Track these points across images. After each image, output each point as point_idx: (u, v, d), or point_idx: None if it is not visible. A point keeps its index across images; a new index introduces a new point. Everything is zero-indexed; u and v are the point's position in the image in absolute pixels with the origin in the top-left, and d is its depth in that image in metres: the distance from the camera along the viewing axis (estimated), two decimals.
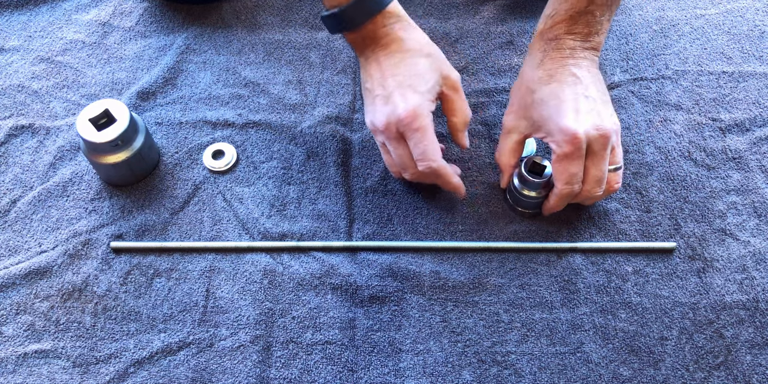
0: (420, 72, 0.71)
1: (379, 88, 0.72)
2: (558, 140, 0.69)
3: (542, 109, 0.71)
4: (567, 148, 0.68)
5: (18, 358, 0.71)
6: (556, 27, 0.72)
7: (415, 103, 0.69)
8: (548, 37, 0.73)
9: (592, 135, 0.68)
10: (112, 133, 0.74)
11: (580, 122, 0.68)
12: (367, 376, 0.70)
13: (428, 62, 0.72)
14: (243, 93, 0.89)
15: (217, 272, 0.76)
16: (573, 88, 0.70)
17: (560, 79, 0.71)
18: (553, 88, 0.71)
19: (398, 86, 0.70)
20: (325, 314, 0.73)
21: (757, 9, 0.96)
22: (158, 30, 0.95)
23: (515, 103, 0.75)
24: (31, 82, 0.90)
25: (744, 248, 0.77)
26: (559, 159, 0.69)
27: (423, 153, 0.69)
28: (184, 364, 0.70)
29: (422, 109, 0.69)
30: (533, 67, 0.73)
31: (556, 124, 0.69)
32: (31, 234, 0.78)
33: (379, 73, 0.72)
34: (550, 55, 0.72)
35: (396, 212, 0.80)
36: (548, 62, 0.72)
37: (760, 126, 0.85)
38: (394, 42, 0.72)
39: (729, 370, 0.70)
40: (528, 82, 0.73)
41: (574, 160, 0.68)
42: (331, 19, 0.72)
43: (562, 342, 0.72)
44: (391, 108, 0.70)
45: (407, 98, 0.69)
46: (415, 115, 0.68)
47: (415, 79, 0.70)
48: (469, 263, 0.76)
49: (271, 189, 0.81)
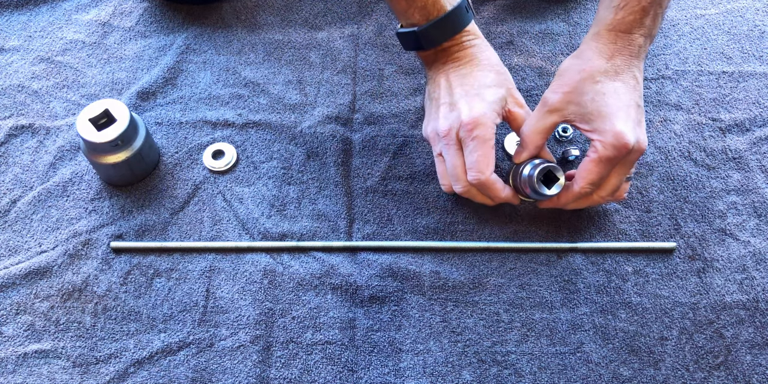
0: (489, 84, 0.71)
1: (446, 97, 0.72)
2: (606, 142, 0.67)
3: (601, 104, 0.68)
4: (612, 153, 0.67)
5: (18, 358, 0.71)
6: (628, 19, 0.68)
7: (480, 111, 0.69)
8: (620, 29, 0.69)
9: (635, 147, 0.67)
10: (112, 133, 0.74)
11: (632, 131, 0.67)
12: (367, 376, 0.70)
13: (497, 77, 0.72)
14: (243, 93, 0.89)
15: (217, 272, 0.76)
16: (632, 93, 0.69)
17: (625, 79, 0.69)
18: (618, 86, 0.69)
19: (465, 95, 0.70)
20: (325, 314, 0.73)
21: (757, 9, 0.96)
22: (158, 30, 0.95)
23: (570, 84, 0.70)
24: (31, 82, 0.90)
25: (744, 248, 0.77)
26: (598, 160, 0.68)
27: (477, 162, 0.68)
28: (184, 364, 0.70)
29: (486, 118, 0.68)
30: (601, 56, 0.70)
31: (611, 126, 0.67)
32: (31, 234, 0.78)
33: (447, 83, 0.72)
34: (620, 51, 0.70)
35: (396, 212, 0.80)
36: (618, 57, 0.70)
37: (760, 126, 0.85)
38: (467, 57, 0.73)
39: (729, 370, 0.70)
40: (593, 70, 0.69)
41: (610, 165, 0.68)
42: (407, 36, 0.72)
43: (562, 342, 0.72)
44: (456, 114, 0.70)
45: (473, 106, 0.69)
46: (477, 122, 0.68)
47: (483, 89, 0.70)
48: (469, 263, 0.76)
49: (271, 189, 0.81)
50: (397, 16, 0.75)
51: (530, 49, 0.92)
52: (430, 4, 0.70)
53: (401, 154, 0.84)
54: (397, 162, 0.83)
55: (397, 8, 0.73)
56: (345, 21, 0.96)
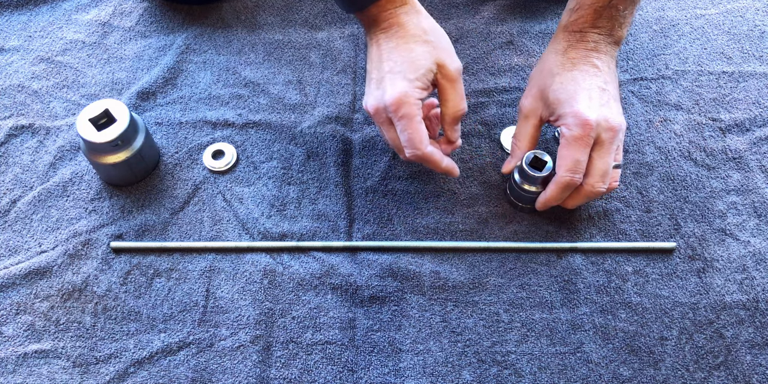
0: (413, 58, 0.70)
1: (375, 72, 0.72)
2: (569, 123, 0.69)
3: (559, 93, 0.71)
4: (577, 132, 0.68)
5: (18, 358, 0.71)
6: (580, 21, 0.73)
7: (401, 89, 0.69)
8: (572, 29, 0.74)
9: (602, 125, 0.69)
10: (112, 133, 0.74)
11: (593, 110, 0.69)
12: (367, 376, 0.70)
13: (425, 49, 0.71)
14: (243, 93, 0.89)
15: (217, 272, 0.76)
16: (592, 79, 0.72)
17: (582, 68, 0.72)
18: (574, 74, 0.72)
19: (390, 71, 0.70)
20: (325, 314, 0.73)
21: (757, 9, 0.96)
22: (158, 30, 0.95)
23: (534, 86, 0.75)
24: (31, 82, 0.90)
25: (744, 248, 0.77)
26: (567, 143, 0.69)
27: (408, 140, 0.70)
28: (184, 364, 0.70)
29: (408, 96, 0.69)
30: (556, 53, 0.74)
31: (570, 107, 0.70)
32: (31, 234, 0.78)
33: (377, 56, 0.73)
34: (574, 46, 0.73)
35: (396, 212, 0.80)
36: (572, 51, 0.73)
37: (760, 126, 0.85)
38: (395, 26, 0.72)
39: (729, 370, 0.70)
40: (550, 67, 0.74)
41: (582, 146, 0.69)
42: None
43: (562, 342, 0.72)
44: (380, 93, 0.70)
45: (395, 84, 0.69)
46: (400, 102, 0.68)
47: (407, 65, 0.70)
48: (469, 263, 0.76)
49: (271, 189, 0.81)
50: None
51: (530, 49, 0.92)
52: None
53: None
54: (397, 162, 0.83)
55: None
56: (345, 21, 0.96)
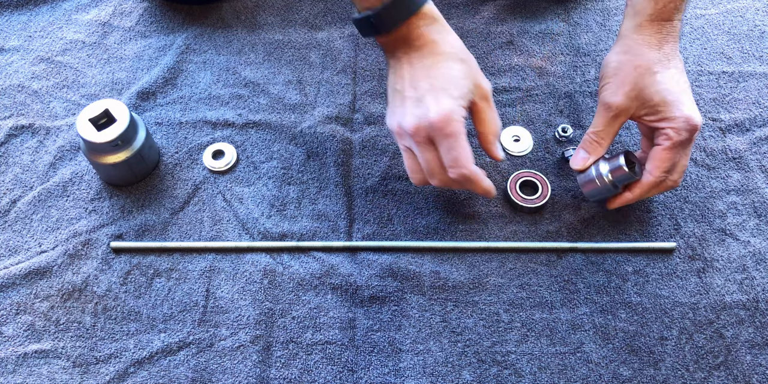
0: (454, 77, 0.68)
1: (411, 90, 0.69)
2: (679, 127, 0.69)
3: (665, 94, 0.70)
4: (685, 136, 0.68)
5: (18, 358, 0.71)
6: (669, 7, 0.70)
7: (448, 107, 0.66)
8: (663, 18, 0.71)
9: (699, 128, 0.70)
10: (112, 133, 0.74)
11: (697, 112, 0.69)
12: (367, 376, 0.70)
13: (462, 68, 0.69)
14: (243, 93, 0.89)
15: (217, 272, 0.76)
16: (682, 76, 0.72)
17: (677, 64, 0.72)
18: (674, 73, 0.71)
19: (431, 89, 0.68)
20: (325, 314, 0.73)
21: (757, 9, 0.96)
22: (158, 30, 0.95)
23: (628, 83, 0.71)
24: (31, 82, 0.90)
25: (744, 248, 0.77)
26: (672, 146, 0.69)
27: (455, 159, 0.67)
28: (184, 364, 0.70)
29: (455, 113, 0.67)
30: (651, 47, 0.71)
31: (680, 111, 0.69)
32: (31, 234, 0.78)
33: (411, 74, 0.70)
34: (666, 39, 0.71)
35: (396, 212, 0.80)
36: (665, 45, 0.71)
37: (760, 126, 0.85)
38: (427, 45, 0.70)
39: (729, 370, 0.70)
40: (648, 63, 0.71)
41: (684, 149, 0.69)
42: (363, 22, 0.70)
43: (562, 342, 0.72)
44: (422, 111, 0.67)
45: (440, 102, 0.67)
46: (448, 119, 0.66)
47: (449, 83, 0.68)
48: (469, 263, 0.76)
49: (271, 189, 0.81)
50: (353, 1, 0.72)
51: (530, 49, 0.92)
52: None
53: (401, 154, 0.84)
54: (397, 162, 0.83)
55: None
56: (345, 21, 0.96)
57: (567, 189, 0.81)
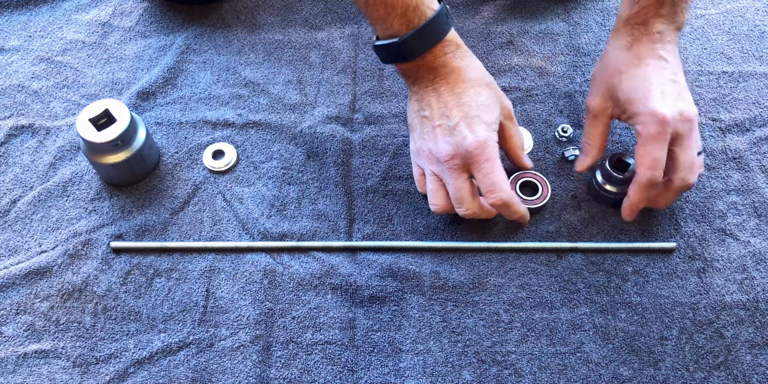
0: (485, 103, 0.70)
1: (442, 118, 0.70)
2: (645, 122, 0.69)
3: (630, 92, 0.71)
4: (653, 129, 0.68)
5: (18, 358, 0.71)
6: (643, 11, 0.72)
7: (484, 135, 0.68)
8: (635, 21, 0.72)
9: (677, 119, 0.68)
10: (112, 133, 0.74)
11: (666, 105, 0.68)
12: (367, 376, 0.70)
13: (490, 93, 0.71)
14: (243, 93, 0.89)
15: (217, 272, 0.76)
16: (661, 72, 0.71)
17: (649, 62, 0.72)
18: (642, 71, 0.71)
19: (464, 117, 0.69)
20: (325, 314, 0.73)
21: (757, 9, 0.96)
22: (158, 30, 0.95)
23: (601, 85, 0.74)
24: (31, 82, 0.90)
25: (744, 248, 0.77)
26: (644, 142, 0.69)
27: (493, 184, 0.68)
28: (184, 364, 0.70)
29: (491, 140, 0.68)
30: (620, 49, 0.74)
31: (644, 106, 0.69)
32: (31, 234, 0.78)
33: (439, 103, 0.70)
34: (638, 40, 0.72)
35: (396, 212, 0.80)
36: (637, 46, 0.72)
37: (760, 126, 0.85)
38: (454, 72, 0.70)
39: (729, 370, 0.70)
40: (616, 64, 0.73)
41: (659, 143, 0.68)
42: (386, 49, 0.70)
43: (562, 342, 0.72)
44: (458, 139, 0.68)
45: (475, 129, 0.68)
46: (485, 145, 0.68)
47: (481, 110, 0.69)
48: (469, 263, 0.76)
49: (271, 189, 0.81)
50: (374, 27, 0.70)
51: (530, 49, 0.92)
52: (410, 11, 0.66)
53: (401, 154, 0.84)
54: (397, 162, 0.83)
55: (375, 16, 0.68)
56: (345, 21, 0.96)
57: (567, 189, 0.81)
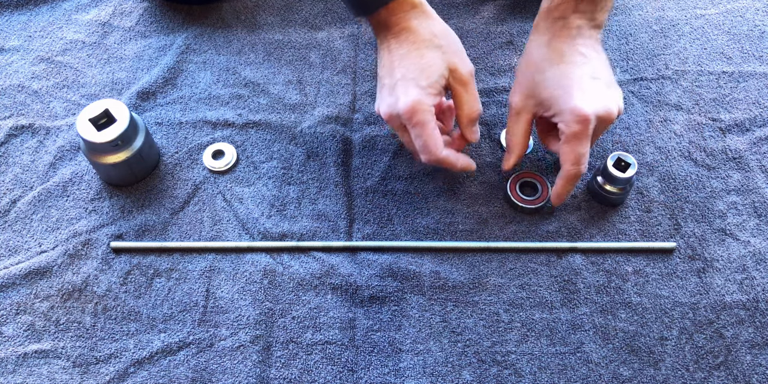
0: (425, 65, 0.71)
1: (387, 78, 0.73)
2: (567, 120, 0.69)
3: (552, 90, 0.71)
4: (576, 128, 0.68)
5: (18, 358, 0.71)
6: (562, 6, 0.72)
7: (414, 97, 0.69)
8: (554, 16, 0.72)
9: (600, 116, 0.69)
10: (112, 133, 0.74)
11: (588, 103, 0.68)
12: (367, 376, 0.70)
13: (436, 54, 0.71)
14: (243, 93, 0.89)
15: (217, 272, 0.76)
16: (581, 69, 0.71)
17: (569, 59, 0.72)
18: (562, 68, 0.71)
19: (402, 78, 0.71)
20: (325, 314, 0.73)
21: (757, 9, 0.96)
22: (158, 30, 0.95)
23: (522, 83, 0.74)
24: (31, 82, 0.90)
25: (744, 248, 0.77)
26: (567, 139, 0.69)
27: (424, 146, 0.70)
28: (184, 364, 0.70)
29: (421, 104, 0.69)
30: (540, 45, 0.73)
31: (566, 105, 0.69)
32: (31, 234, 0.78)
33: (389, 61, 0.73)
34: (557, 35, 0.72)
35: (396, 212, 0.80)
36: (556, 42, 0.72)
37: (760, 126, 0.85)
38: (405, 31, 0.72)
39: (729, 370, 0.70)
40: (536, 62, 0.73)
41: (583, 141, 0.69)
42: (349, 1, 0.74)
43: (562, 342, 0.72)
44: (393, 100, 0.71)
45: (408, 92, 0.70)
46: (414, 110, 0.69)
47: (419, 72, 0.70)
48: (469, 263, 0.76)
49: (271, 189, 0.81)
50: None
51: None
52: None
53: (401, 154, 0.84)
54: (397, 162, 0.83)
55: None
56: (345, 21, 0.96)
57: None
